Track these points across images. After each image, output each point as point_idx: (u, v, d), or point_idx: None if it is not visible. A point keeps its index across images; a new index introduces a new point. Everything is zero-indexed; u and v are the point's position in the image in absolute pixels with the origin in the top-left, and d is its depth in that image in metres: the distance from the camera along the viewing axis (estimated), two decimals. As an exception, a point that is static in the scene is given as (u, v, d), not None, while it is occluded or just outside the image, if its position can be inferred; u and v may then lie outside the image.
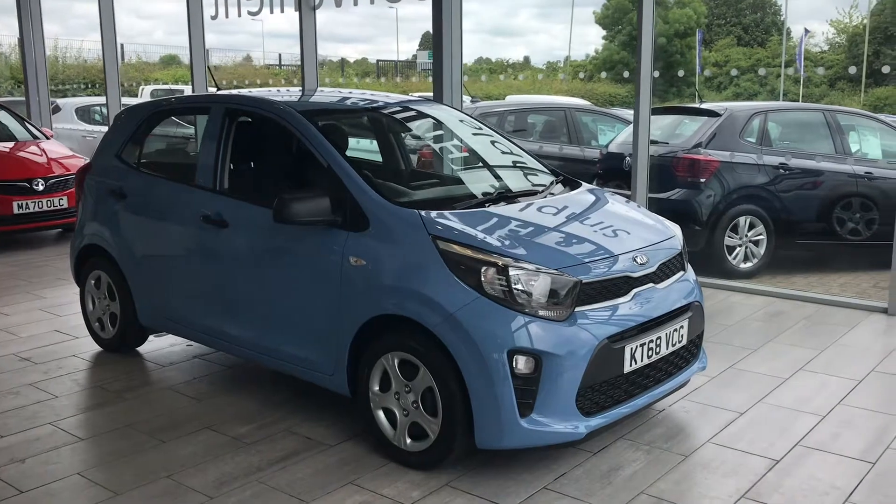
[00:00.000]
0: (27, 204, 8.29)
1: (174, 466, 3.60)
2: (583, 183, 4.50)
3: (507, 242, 3.45)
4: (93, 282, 5.16)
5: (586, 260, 3.49)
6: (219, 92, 5.01)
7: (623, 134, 8.21)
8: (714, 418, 4.07)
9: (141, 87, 20.18)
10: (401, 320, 3.48)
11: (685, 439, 3.85)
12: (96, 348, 5.21)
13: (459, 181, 4.71)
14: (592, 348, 3.31)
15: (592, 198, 4.31)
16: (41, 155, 8.90)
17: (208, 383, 4.62)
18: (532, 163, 4.66)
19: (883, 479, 3.47)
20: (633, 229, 3.94)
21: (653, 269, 3.67)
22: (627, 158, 7.22)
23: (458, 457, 3.49)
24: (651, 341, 3.55)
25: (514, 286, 3.29)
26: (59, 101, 14.97)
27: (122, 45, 26.07)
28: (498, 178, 4.61)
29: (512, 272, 3.30)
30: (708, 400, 4.28)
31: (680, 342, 3.75)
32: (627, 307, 3.50)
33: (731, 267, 7.25)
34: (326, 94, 5.41)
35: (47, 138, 9.60)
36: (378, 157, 5.13)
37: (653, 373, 3.64)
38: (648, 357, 3.55)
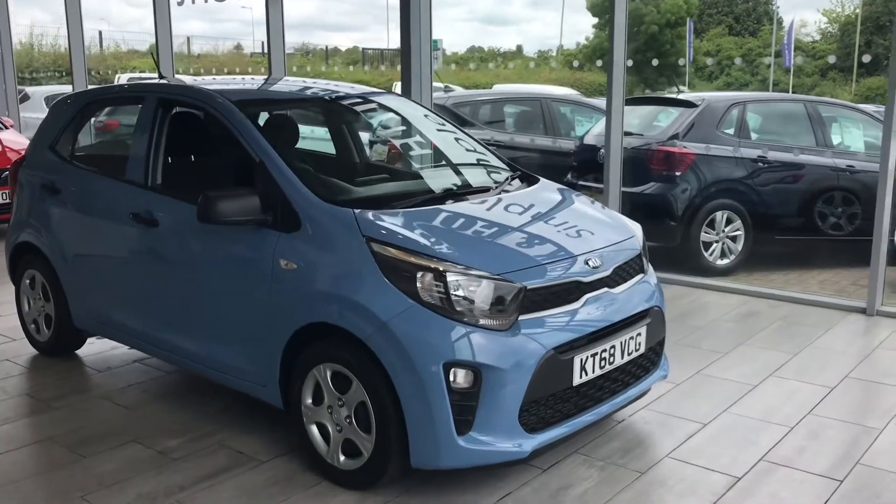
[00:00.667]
0: (-18, 196, 7.97)
1: (90, 485, 3.33)
2: (541, 179, 4.23)
3: (446, 244, 3.18)
4: (27, 281, 4.88)
5: (533, 264, 3.23)
6: (156, 81, 4.72)
7: (599, 125, 7.94)
8: (675, 430, 3.82)
9: (117, 76, 19.81)
10: (334, 329, 3.22)
11: (643, 454, 3.60)
12: (32, 351, 4.93)
13: (413, 177, 4.46)
14: (537, 360, 3.05)
15: (550, 195, 4.05)
16: (-3, 145, 8.58)
17: (143, 391, 4.35)
18: (492, 159, 4.39)
19: (849, 500, 3.22)
20: (590, 228, 3.68)
21: (607, 273, 3.41)
22: (602, 151, 6.96)
23: (395, 476, 3.23)
24: (604, 351, 3.30)
25: (452, 293, 3.03)
26: (28, 90, 14.61)
27: (100, 32, 25.63)
28: (454, 174, 4.34)
29: (450, 277, 3.04)
30: (670, 409, 4.03)
31: (637, 350, 3.49)
32: (577, 314, 3.24)
33: (708, 263, 7.01)
34: (284, 84, 5.12)
35: (6, 128, 9.27)
36: (330, 152, 4.85)
37: (607, 384, 3.39)
38: (601, 368, 3.30)
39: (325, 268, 3.26)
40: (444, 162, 4.46)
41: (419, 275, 3.05)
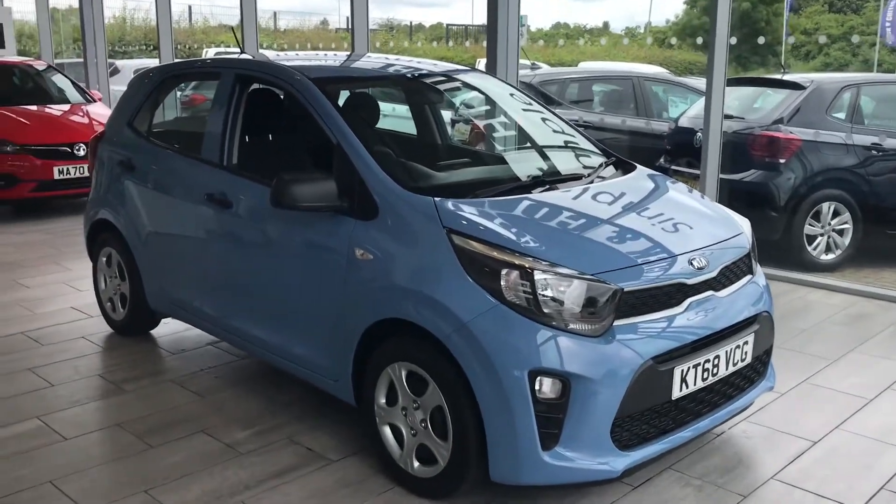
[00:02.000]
0: (68, 169, 8.06)
1: (155, 478, 3.20)
2: (638, 166, 3.90)
3: (534, 239, 2.90)
4: (104, 259, 4.82)
5: (630, 263, 2.92)
6: (238, 56, 4.54)
7: (695, 107, 7.48)
8: (781, 448, 3.46)
9: (205, 50, 20.03)
10: (411, 327, 2.99)
11: (745, 474, 3.27)
12: (107, 330, 4.87)
13: (498, 161, 4.17)
14: (633, 371, 2.76)
15: (649, 184, 3.71)
16: (85, 118, 8.66)
17: (215, 376, 4.22)
18: (584, 143, 4.07)
19: None
20: (694, 224, 3.34)
21: (713, 275, 3.07)
22: (698, 134, 6.53)
23: (472, 488, 2.99)
24: (707, 361, 2.97)
25: (539, 293, 2.75)
26: (119, 63, 14.85)
27: (189, 7, 25.98)
28: (543, 159, 4.04)
29: (538, 276, 2.76)
30: (775, 423, 3.67)
31: (743, 360, 3.15)
32: (679, 320, 2.92)
33: (811, 258, 6.51)
34: (365, 61, 4.90)
35: (95, 101, 9.36)
36: (411, 132, 4.61)
37: (708, 397, 3.06)
38: (703, 380, 2.98)
39: (402, 260, 3.03)
40: (530, 145, 4.16)
41: (503, 272, 2.78)
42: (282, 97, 4.19)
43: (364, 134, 3.41)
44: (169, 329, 4.85)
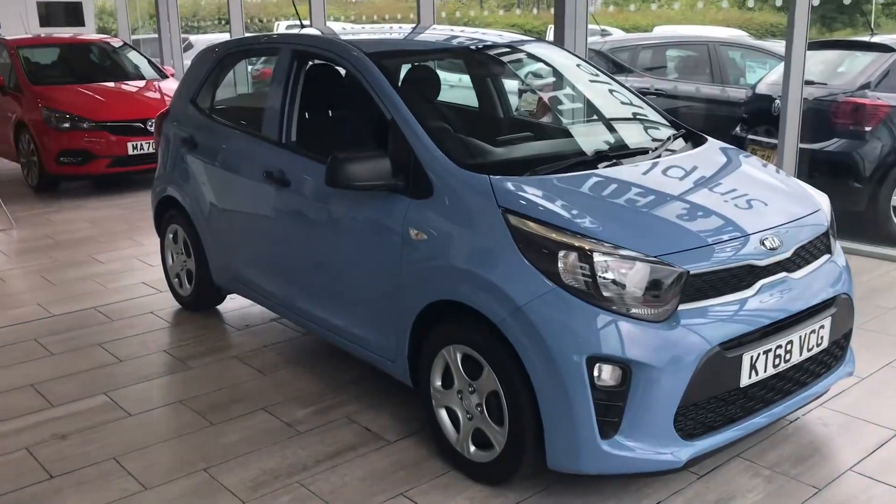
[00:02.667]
0: (141, 145, 8.21)
1: (215, 457, 3.23)
2: (709, 139, 3.71)
3: (595, 218, 2.77)
4: (171, 235, 4.88)
5: (697, 244, 2.77)
6: (299, 31, 4.49)
7: (774, 72, 7.12)
8: (860, 437, 3.28)
9: (276, 24, 20.18)
10: (466, 309, 2.91)
11: (820, 464, 3.10)
12: (175, 305, 4.95)
13: (561, 135, 4.03)
14: (699, 357, 2.62)
15: (720, 158, 3.53)
16: (158, 94, 8.80)
17: (277, 353, 4.24)
18: (652, 114, 3.89)
19: None
20: (767, 200, 3.16)
21: (786, 255, 2.90)
22: (777, 101, 6.21)
23: (528, 474, 2.92)
24: (779, 347, 2.81)
25: (599, 276, 2.63)
26: (192, 38, 15.07)
27: (262, -20, 26.11)
28: (608, 132, 3.88)
29: (597, 258, 2.64)
30: (854, 410, 3.48)
31: (819, 346, 2.98)
32: (749, 304, 2.76)
33: (898, 231, 6.16)
34: (429, 33, 4.79)
35: (168, 77, 9.51)
36: (473, 105, 4.50)
37: (780, 384, 2.90)
38: (775, 366, 2.82)
39: (457, 240, 2.94)
40: (596, 118, 4.01)
41: (561, 254, 2.67)
42: (340, 73, 4.13)
43: (420, 109, 3.32)
44: (235, 304, 4.90)
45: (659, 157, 3.37)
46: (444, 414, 3.11)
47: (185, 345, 4.38)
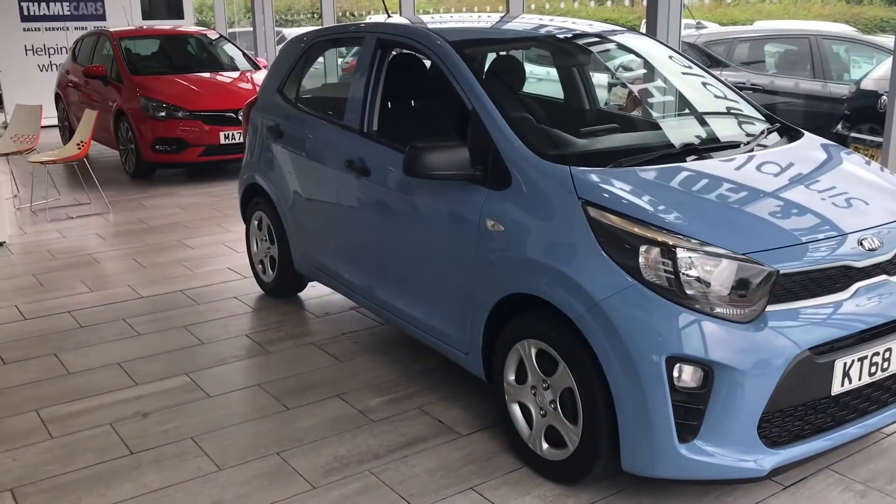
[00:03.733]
0: (233, 134, 8.41)
1: (289, 441, 3.26)
2: (806, 133, 3.52)
3: (679, 213, 2.66)
4: (256, 222, 4.96)
5: (789, 242, 2.62)
6: (385, 19, 4.49)
7: (881, 67, 6.76)
8: (964, 455, 3.06)
9: (368, 16, 20.45)
10: (542, 303, 2.84)
11: (918, 481, 2.91)
12: (258, 290, 5.04)
13: (649, 127, 3.90)
14: (786, 362, 2.48)
15: (819, 154, 3.35)
16: (249, 85, 8.99)
17: (354, 341, 4.25)
18: (746, 107, 3.73)
19: None
20: (866, 198, 2.97)
21: (887, 257, 2.72)
22: (883, 97, 5.88)
23: (603, 474, 2.83)
24: (876, 354, 2.64)
25: (683, 273, 2.52)
26: (286, 31, 15.36)
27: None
28: (698, 124, 3.74)
29: (681, 254, 2.53)
30: (958, 426, 3.25)
31: (921, 355, 2.78)
32: (844, 307, 2.60)
33: None
34: (517, 23, 4.72)
35: (260, 68, 9.71)
36: (559, 97, 4.40)
37: (876, 394, 2.73)
38: (871, 374, 2.65)
39: (535, 232, 2.87)
40: (687, 111, 3.86)
41: (643, 248, 2.57)
42: (424, 62, 4.10)
43: (502, 99, 3.26)
44: (316, 292, 4.95)
45: (752, 150, 3.22)
46: (516, 409, 3.05)
47: (266, 330, 4.44)
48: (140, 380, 3.83)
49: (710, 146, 3.26)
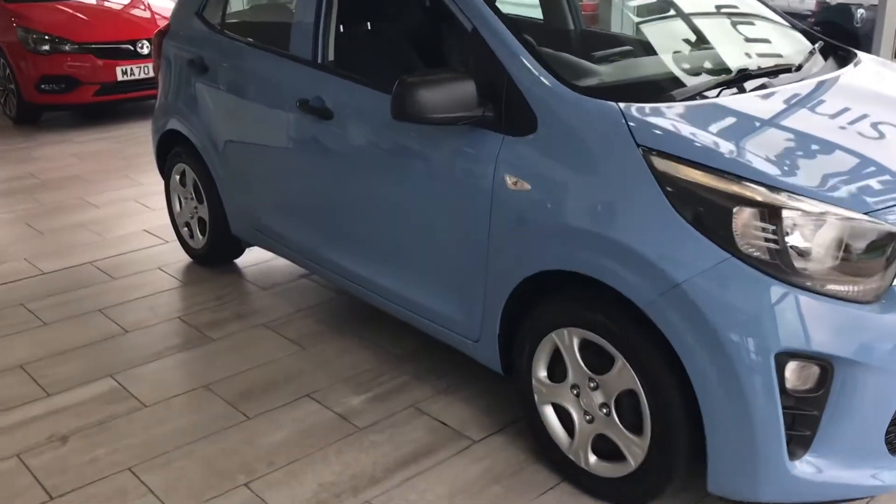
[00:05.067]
0: (132, 69, 7.34)
1: (257, 465, 2.57)
2: (859, 53, 2.95)
3: (777, 161, 2.04)
4: (177, 177, 4.13)
5: (914, 194, 2.05)
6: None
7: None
8: None
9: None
10: (586, 281, 2.21)
11: None
12: (185, 258, 4.23)
13: (686, 50, 3.22)
14: (923, 350, 1.93)
15: (888, 74, 2.79)
16: (147, 12, 7.87)
17: (316, 320, 3.54)
18: (778, 20, 3.12)
19: None
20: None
21: None
22: (860, 11, 5.41)
23: (674, 495, 2.26)
24: None
25: (790, 241, 1.92)
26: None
27: None
28: (741, 44, 3.07)
29: (788, 217, 1.92)
30: None
31: None
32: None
33: None
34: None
35: (157, -7, 8.54)
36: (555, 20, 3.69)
37: None
38: None
39: (575, 192, 2.21)
40: (718, 29, 3.21)
41: (735, 210, 1.95)
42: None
43: (508, 18, 2.54)
44: (254, 257, 4.18)
45: (805, 79, 2.61)
46: (550, 412, 2.44)
47: (203, 310, 3.67)
48: (51, 388, 3.04)
49: (751, 73, 2.61)
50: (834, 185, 2.00)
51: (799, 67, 2.65)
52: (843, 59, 2.85)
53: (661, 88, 2.37)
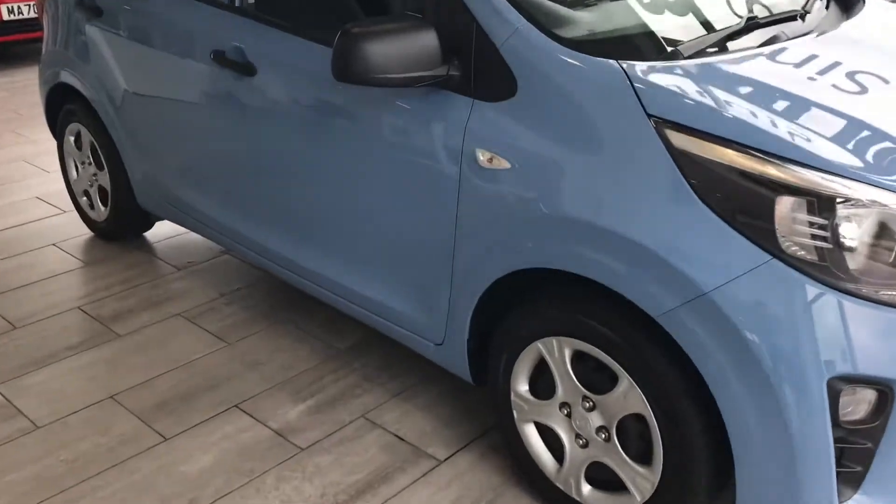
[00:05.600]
0: (19, 8, 6.53)
1: (177, 503, 2.11)
2: (866, -4, 2.56)
3: (821, 137, 1.64)
4: (72, 139, 3.53)
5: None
6: None
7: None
8: None
9: None
10: (581, 279, 1.80)
11: None
12: (85, 232, 3.66)
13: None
14: None
15: None
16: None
17: (243, 306, 3.06)
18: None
19: None
20: None
21: None
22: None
23: (681, 527, 1.91)
24: None
25: (846, 239, 1.54)
26: None
27: None
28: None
29: (844, 211, 1.54)
30: None
31: None
32: None
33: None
34: None
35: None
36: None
37: None
38: None
39: (571, 173, 1.77)
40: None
41: (778, 200, 1.56)
42: None
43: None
44: (169, 229, 3.64)
45: (818, 33, 2.21)
46: (532, 433, 2.05)
47: (108, 297, 3.14)
48: (-81, 407, 2.50)
49: (775, 17, 2.20)
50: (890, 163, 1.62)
51: (794, 16, 2.22)
52: (844, 5, 2.47)
53: (664, 42, 1.94)
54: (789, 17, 2.23)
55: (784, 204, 1.55)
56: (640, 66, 1.75)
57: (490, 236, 1.93)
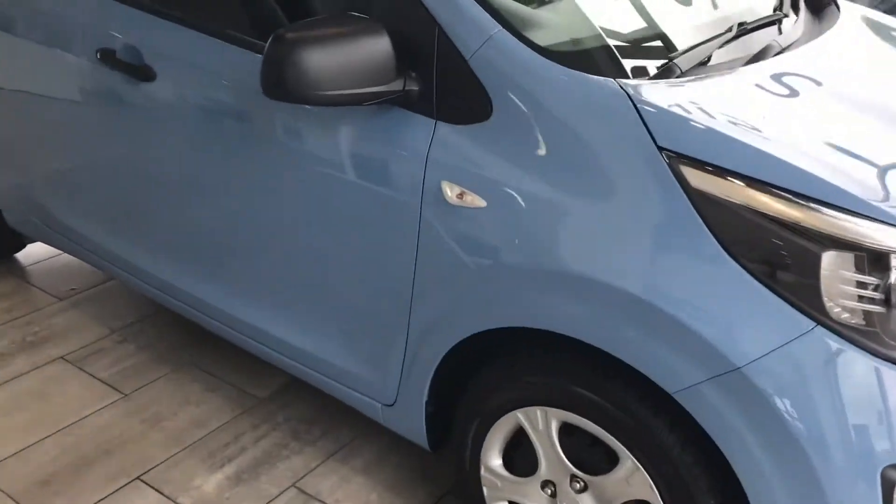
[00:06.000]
0: None
1: None
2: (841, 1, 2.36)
3: (869, 179, 1.39)
4: (-79, 145, 2.96)
5: None
6: None
7: None
8: None
9: None
10: (571, 342, 1.50)
11: None
12: (-58, 255, 3.11)
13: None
14: None
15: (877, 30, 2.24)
16: None
17: (138, 346, 2.62)
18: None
19: None
20: None
21: None
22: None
23: None
24: None
25: (897, 299, 1.30)
26: None
27: None
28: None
29: (898, 264, 1.30)
30: None
31: None
32: None
33: None
34: None
35: None
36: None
37: None
38: None
39: (563, 214, 1.46)
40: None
41: (825, 256, 1.30)
42: None
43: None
44: (46, 249, 3.13)
45: (809, 43, 1.96)
46: (506, 512, 1.75)
47: (-28, 338, 2.64)
48: None
49: (763, 21, 1.94)
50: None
51: (776, 21, 1.98)
52: (816, 11, 2.26)
53: (657, 50, 1.65)
54: (776, 20, 1.99)
55: (831, 259, 1.29)
56: (644, 86, 1.45)
57: (459, 288, 1.60)
